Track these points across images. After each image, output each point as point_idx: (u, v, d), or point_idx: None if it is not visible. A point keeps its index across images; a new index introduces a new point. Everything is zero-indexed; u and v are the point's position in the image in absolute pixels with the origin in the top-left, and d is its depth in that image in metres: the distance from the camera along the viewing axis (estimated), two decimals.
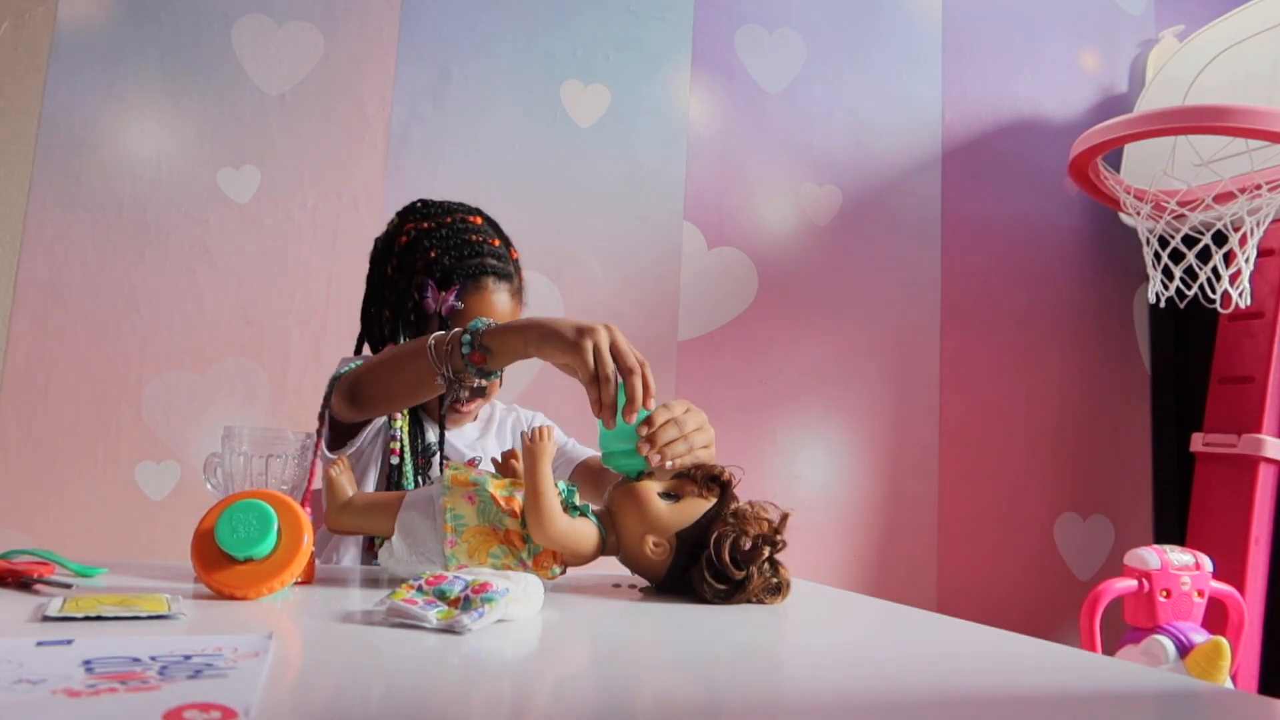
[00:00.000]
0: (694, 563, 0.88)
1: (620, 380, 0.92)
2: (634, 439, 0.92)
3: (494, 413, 1.43)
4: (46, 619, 0.66)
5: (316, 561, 0.94)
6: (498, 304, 1.27)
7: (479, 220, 1.31)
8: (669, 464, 0.93)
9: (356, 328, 1.34)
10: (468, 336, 0.99)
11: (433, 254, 1.25)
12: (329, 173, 2.07)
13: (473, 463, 0.95)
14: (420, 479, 1.26)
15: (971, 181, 2.44)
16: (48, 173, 1.95)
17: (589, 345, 0.92)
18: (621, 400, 0.92)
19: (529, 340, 0.97)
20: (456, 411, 1.32)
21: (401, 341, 1.26)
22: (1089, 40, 2.55)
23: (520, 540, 0.87)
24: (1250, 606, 2.00)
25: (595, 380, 0.92)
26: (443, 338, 1.01)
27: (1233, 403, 2.16)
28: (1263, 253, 2.09)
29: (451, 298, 1.25)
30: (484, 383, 1.04)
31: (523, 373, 2.09)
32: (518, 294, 1.31)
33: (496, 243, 1.30)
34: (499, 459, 1.01)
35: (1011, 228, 2.46)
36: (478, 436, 1.38)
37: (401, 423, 1.28)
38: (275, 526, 0.79)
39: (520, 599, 0.73)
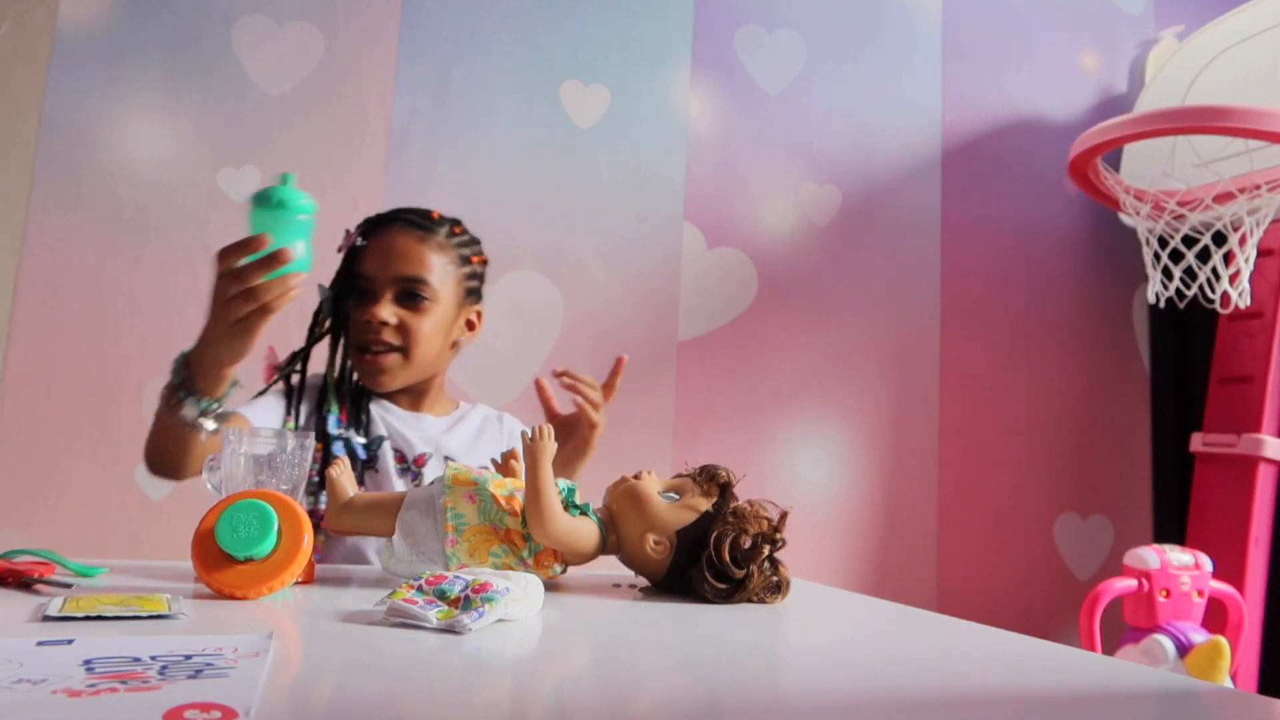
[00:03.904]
0: (694, 562, 0.88)
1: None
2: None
3: (469, 412, 1.42)
4: (47, 619, 0.66)
5: (316, 562, 0.94)
6: (399, 242, 1.29)
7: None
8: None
9: None
10: (175, 367, 1.04)
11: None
12: (329, 173, 2.07)
13: (421, 459, 0.94)
14: (365, 473, 1.26)
15: (971, 182, 2.44)
16: (48, 173, 1.95)
17: (221, 293, 0.95)
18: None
19: (205, 338, 0.99)
20: (369, 372, 1.29)
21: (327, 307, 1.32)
22: (1089, 40, 2.55)
23: (521, 539, 0.88)
24: (1250, 606, 2.00)
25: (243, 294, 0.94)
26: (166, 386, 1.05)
27: (1232, 403, 2.16)
28: (1262, 253, 2.09)
29: (356, 234, 1.31)
30: (217, 410, 1.05)
31: (517, 379, 2.09)
32: (440, 249, 1.31)
33: (436, 214, 1.35)
34: (498, 459, 1.01)
35: (1011, 228, 2.47)
36: (444, 430, 1.36)
37: (338, 426, 1.27)
38: (275, 526, 0.79)
39: (520, 599, 0.73)
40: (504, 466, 0.99)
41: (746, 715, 0.53)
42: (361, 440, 1.28)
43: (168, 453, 1.12)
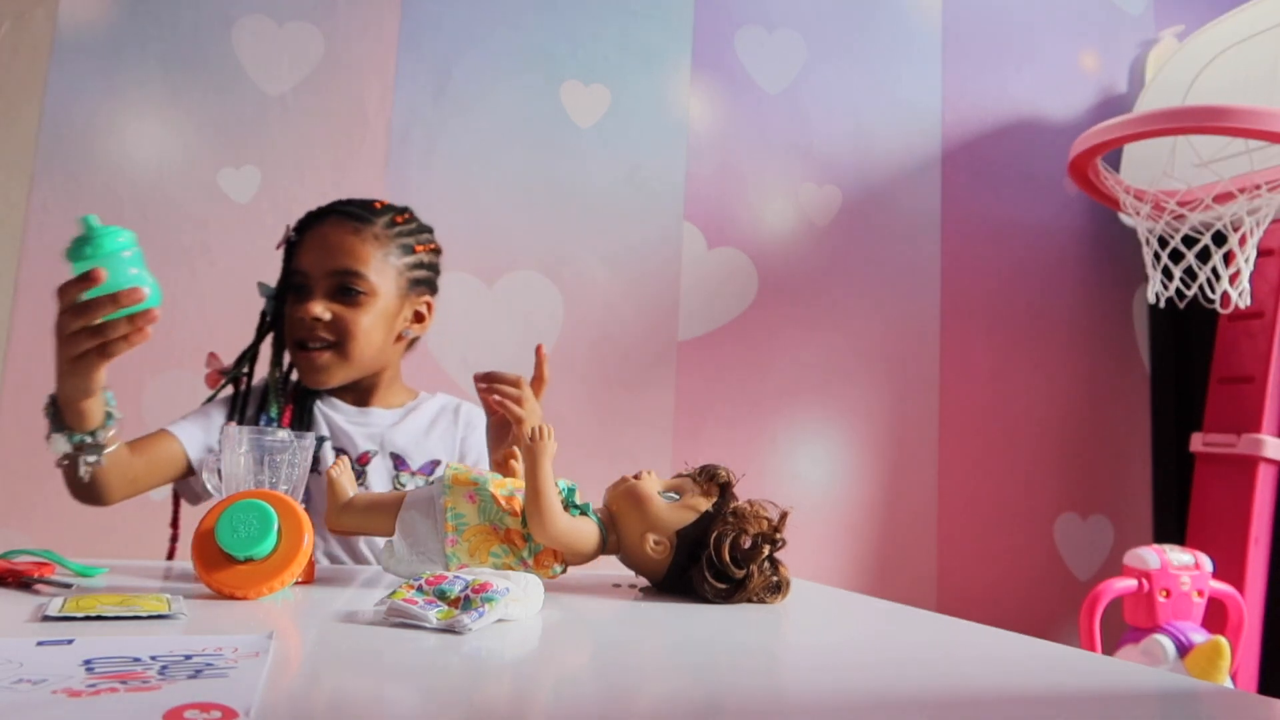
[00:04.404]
0: (694, 562, 0.88)
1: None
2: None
3: (424, 403, 1.38)
4: (47, 619, 0.66)
5: (316, 562, 0.94)
6: (332, 235, 1.25)
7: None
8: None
9: None
10: (46, 403, 1.03)
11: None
12: (329, 173, 2.07)
13: (364, 458, 0.93)
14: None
15: (971, 181, 2.44)
16: (48, 173, 1.95)
17: (62, 328, 0.93)
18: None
19: (57, 374, 0.98)
20: (307, 370, 1.27)
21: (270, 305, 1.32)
22: (1089, 40, 2.55)
23: (521, 539, 0.88)
24: (1250, 606, 2.00)
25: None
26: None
27: (1232, 403, 2.16)
28: (1262, 253, 2.09)
29: (292, 229, 1.29)
30: (90, 442, 1.03)
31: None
32: (377, 240, 1.27)
33: (379, 204, 1.30)
34: (498, 458, 1.01)
35: (1011, 228, 2.47)
36: (392, 423, 1.33)
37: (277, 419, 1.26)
38: (275, 526, 0.79)
39: (520, 599, 0.73)
40: (504, 466, 0.99)
41: (746, 715, 0.53)
42: None
43: (71, 484, 1.13)
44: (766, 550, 0.88)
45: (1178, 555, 1.73)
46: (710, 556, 0.86)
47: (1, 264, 1.91)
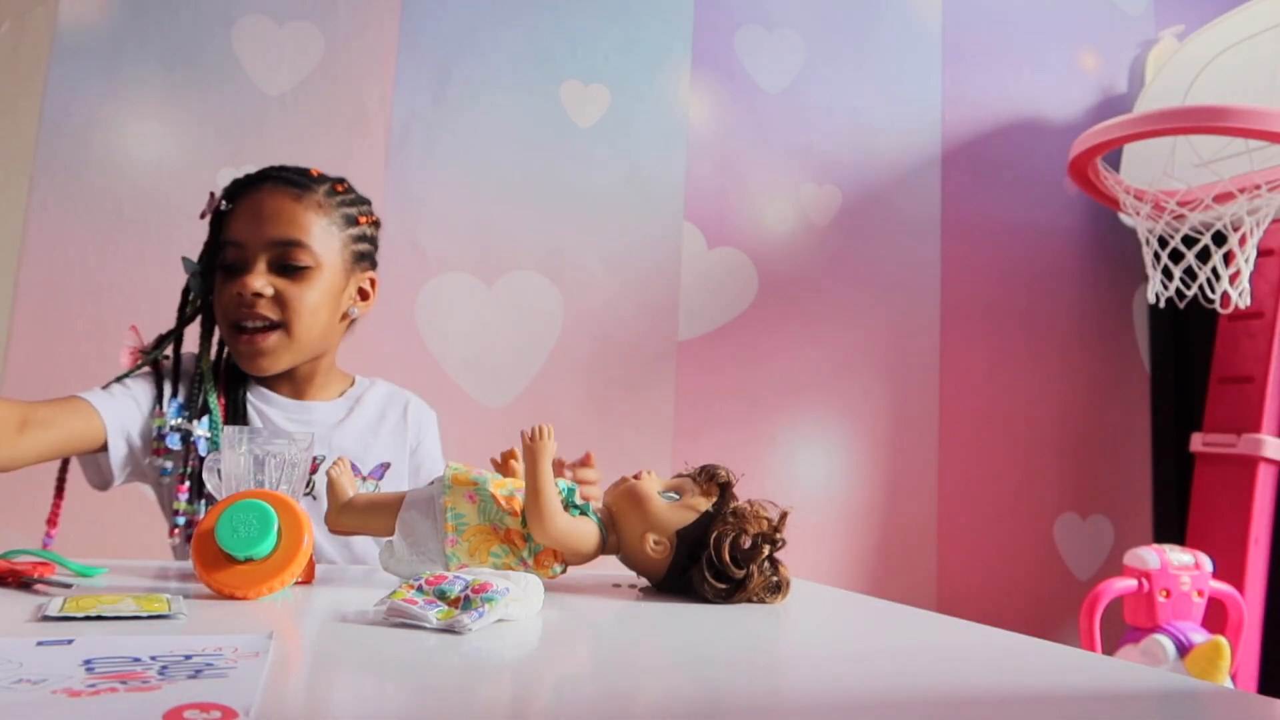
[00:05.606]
0: (694, 562, 0.88)
1: None
2: None
3: (366, 392, 1.29)
4: (46, 619, 0.66)
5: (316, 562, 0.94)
6: (270, 202, 1.14)
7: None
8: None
9: None
10: None
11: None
12: (329, 172, 2.07)
13: (313, 466, 0.89)
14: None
15: (971, 181, 2.44)
16: (48, 173, 1.94)
17: None
18: None
19: None
20: (247, 355, 1.15)
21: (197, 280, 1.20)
22: (1089, 41, 2.56)
23: (521, 539, 0.88)
24: (1250, 606, 2.00)
25: None
26: None
27: (1232, 403, 2.16)
28: (1262, 253, 2.09)
29: (221, 197, 1.17)
30: None
31: (517, 379, 2.09)
32: (320, 209, 1.17)
33: (315, 172, 1.21)
34: (498, 459, 1.01)
35: (1011, 228, 2.47)
36: (337, 420, 1.23)
37: (177, 415, 1.14)
38: (275, 526, 0.79)
39: (520, 599, 0.73)
40: (504, 466, 0.99)
41: (746, 715, 0.53)
42: (206, 434, 1.13)
43: None
44: (766, 550, 0.88)
45: (1178, 555, 1.73)
46: (710, 556, 0.86)
47: (1, 264, 1.91)
